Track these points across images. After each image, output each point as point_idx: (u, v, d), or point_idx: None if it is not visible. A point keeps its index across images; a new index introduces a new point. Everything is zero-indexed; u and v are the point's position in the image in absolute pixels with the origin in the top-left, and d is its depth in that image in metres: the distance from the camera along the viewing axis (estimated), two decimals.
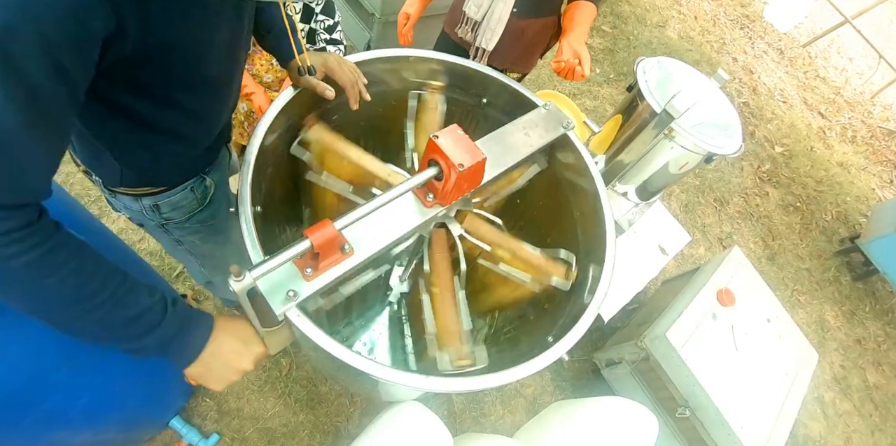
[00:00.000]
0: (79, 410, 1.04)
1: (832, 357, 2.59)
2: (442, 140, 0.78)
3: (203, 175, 0.97)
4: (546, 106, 1.13)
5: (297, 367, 1.73)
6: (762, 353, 1.65)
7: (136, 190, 0.89)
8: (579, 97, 3.12)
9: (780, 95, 4.08)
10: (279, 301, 0.70)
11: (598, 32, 3.60)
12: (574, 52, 1.27)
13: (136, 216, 0.97)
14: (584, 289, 1.01)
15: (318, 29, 1.64)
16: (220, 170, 1.02)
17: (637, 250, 1.79)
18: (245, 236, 0.80)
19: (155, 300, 0.65)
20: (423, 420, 1.07)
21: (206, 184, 0.98)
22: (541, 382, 1.96)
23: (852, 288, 2.98)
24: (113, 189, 0.89)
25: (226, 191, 1.08)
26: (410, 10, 1.56)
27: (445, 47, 1.67)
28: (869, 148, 4.09)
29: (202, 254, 1.14)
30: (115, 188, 0.89)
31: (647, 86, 1.37)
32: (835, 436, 2.28)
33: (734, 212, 3.01)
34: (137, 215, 0.96)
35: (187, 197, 0.95)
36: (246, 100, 1.60)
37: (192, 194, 0.96)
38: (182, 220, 0.99)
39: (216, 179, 1.00)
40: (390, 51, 1.17)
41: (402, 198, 0.85)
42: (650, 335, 1.59)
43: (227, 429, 1.57)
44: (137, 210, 0.93)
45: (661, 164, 1.44)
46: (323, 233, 0.66)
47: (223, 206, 1.07)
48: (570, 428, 1.20)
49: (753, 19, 4.79)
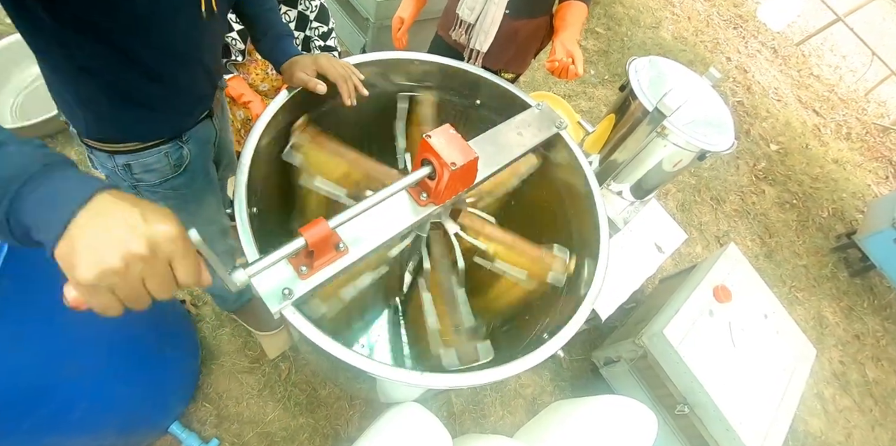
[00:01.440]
0: (77, 416, 1.04)
1: (831, 353, 2.60)
2: (434, 139, 0.79)
3: (180, 142, 0.98)
4: (539, 106, 1.14)
5: (297, 371, 1.73)
6: (760, 349, 1.65)
7: (106, 145, 0.91)
8: (574, 98, 3.14)
9: (774, 94, 4.11)
10: (275, 300, 0.71)
11: (591, 34, 3.63)
12: (567, 51, 1.28)
13: (111, 175, 0.98)
14: (578, 286, 1.01)
15: (313, 36, 1.65)
16: (199, 143, 1.04)
17: (633, 248, 1.80)
18: (241, 236, 0.80)
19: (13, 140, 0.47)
20: (422, 421, 1.07)
21: (182, 153, 1.00)
22: (540, 382, 1.96)
23: (850, 284, 2.99)
24: (88, 143, 0.91)
25: (205, 164, 1.10)
26: (404, 14, 1.57)
27: (440, 50, 1.68)
28: (864, 144, 4.11)
29: None
30: (89, 141, 0.91)
31: (639, 85, 1.38)
32: (835, 432, 2.28)
33: (731, 210, 3.02)
34: (111, 174, 0.97)
35: (160, 160, 0.96)
36: (243, 108, 1.61)
37: (166, 159, 0.97)
38: (154, 184, 1.00)
39: (194, 150, 1.02)
40: (384, 54, 1.18)
41: (396, 197, 0.86)
42: (647, 332, 1.60)
43: (226, 434, 1.57)
44: (111, 168, 0.95)
45: (654, 163, 1.45)
46: (317, 230, 0.66)
47: (199, 178, 1.08)
48: (570, 428, 1.20)
49: (746, 19, 4.83)
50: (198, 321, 1.75)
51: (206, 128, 1.05)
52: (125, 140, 0.91)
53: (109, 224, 0.44)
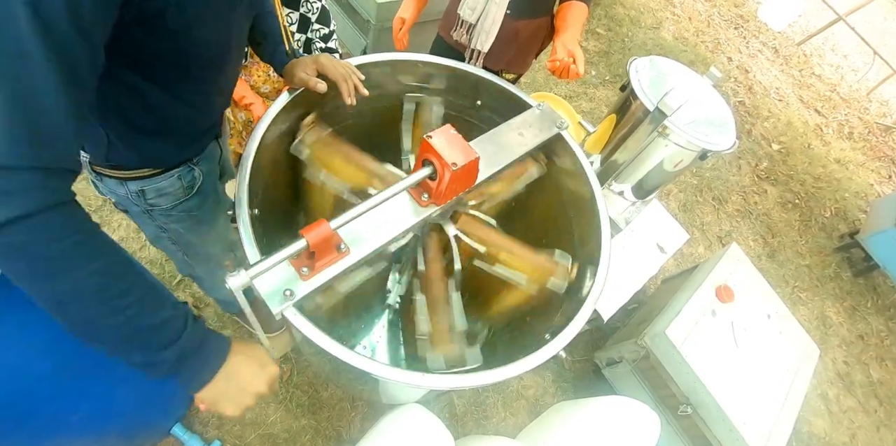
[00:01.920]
0: (80, 417, 1.04)
1: (835, 353, 2.58)
2: (435, 140, 0.79)
3: (192, 165, 0.97)
4: (540, 106, 1.14)
5: (299, 373, 1.73)
6: (763, 349, 1.65)
7: (117, 172, 0.89)
8: (575, 99, 3.14)
9: (775, 93, 4.10)
10: (276, 301, 0.71)
11: (592, 35, 3.63)
12: (568, 51, 1.28)
13: (122, 201, 0.97)
14: (580, 287, 1.01)
15: (314, 38, 1.66)
16: (209, 162, 1.03)
17: (635, 249, 1.80)
18: (243, 238, 0.80)
19: (178, 312, 0.62)
20: (424, 423, 1.07)
21: (194, 174, 0.98)
22: (542, 383, 1.96)
23: (853, 283, 2.98)
24: (98, 170, 0.89)
25: (214, 183, 1.09)
26: (405, 15, 1.57)
27: (441, 51, 1.68)
28: (866, 144, 4.10)
29: (186, 243, 1.13)
30: (101, 169, 0.89)
31: (639, 84, 1.38)
32: (839, 433, 2.27)
33: (733, 210, 3.01)
34: (123, 200, 0.96)
35: (174, 184, 0.95)
36: (244, 110, 1.61)
37: (179, 182, 0.96)
38: (167, 208, 0.99)
39: (204, 170, 1.01)
40: (385, 55, 1.19)
41: (398, 197, 0.86)
42: (650, 333, 1.59)
43: (228, 436, 1.57)
44: (123, 194, 0.93)
45: (656, 162, 1.44)
46: (318, 232, 0.66)
47: (210, 198, 1.07)
48: (573, 429, 1.19)
49: (747, 19, 4.82)
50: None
51: (213, 147, 1.05)
52: (141, 166, 0.90)
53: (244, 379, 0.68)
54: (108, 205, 1.91)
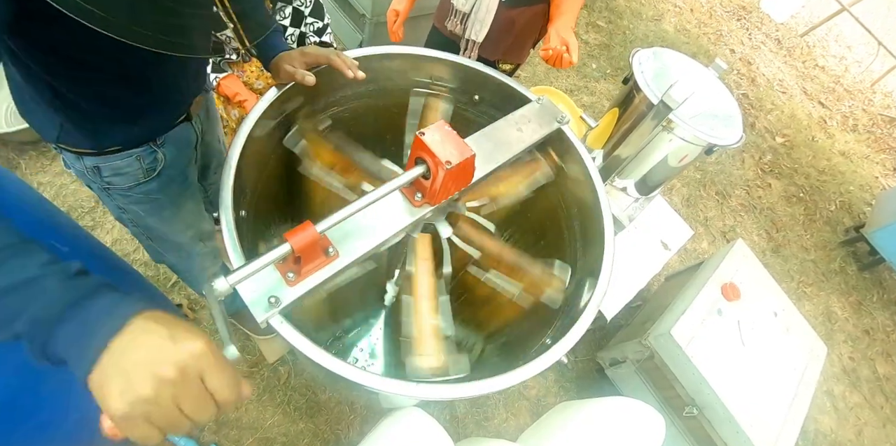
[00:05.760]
0: (72, 422, 1.02)
1: (841, 349, 2.55)
2: (428, 137, 0.75)
3: (154, 146, 0.93)
4: (539, 100, 1.09)
5: (296, 375, 1.69)
6: (770, 348, 1.61)
7: (76, 148, 0.86)
8: (576, 93, 3.09)
9: (779, 86, 4.04)
10: (261, 308, 0.67)
11: (593, 28, 3.57)
12: (562, 39, 1.24)
13: (81, 176, 0.94)
14: (582, 289, 0.97)
15: (308, 32, 1.62)
16: (176, 147, 0.99)
17: (638, 246, 1.76)
18: (227, 242, 0.77)
19: (47, 271, 0.46)
20: (423, 426, 1.04)
21: (156, 157, 0.94)
22: (544, 384, 1.92)
23: (859, 278, 2.94)
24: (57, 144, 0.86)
25: (183, 168, 1.05)
26: (399, 7, 1.53)
27: (436, 42, 1.64)
28: (871, 136, 4.04)
29: (147, 227, 1.09)
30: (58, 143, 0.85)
31: (643, 77, 1.34)
32: (846, 430, 2.24)
33: (737, 204, 2.97)
34: (80, 175, 0.93)
35: (132, 164, 0.91)
36: (238, 107, 1.57)
37: (138, 163, 0.92)
38: (125, 188, 0.95)
39: (170, 155, 0.97)
40: (378, 48, 1.14)
41: (390, 197, 0.82)
42: (654, 333, 1.56)
43: (225, 440, 1.54)
44: (80, 169, 0.90)
45: (660, 157, 1.40)
46: (303, 236, 0.62)
47: (175, 183, 1.03)
48: (575, 430, 1.16)
49: (750, 10, 4.75)
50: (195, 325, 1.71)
51: (184, 131, 1.00)
52: (94, 148, 0.86)
53: (137, 351, 0.43)
54: (102, 207, 1.88)
